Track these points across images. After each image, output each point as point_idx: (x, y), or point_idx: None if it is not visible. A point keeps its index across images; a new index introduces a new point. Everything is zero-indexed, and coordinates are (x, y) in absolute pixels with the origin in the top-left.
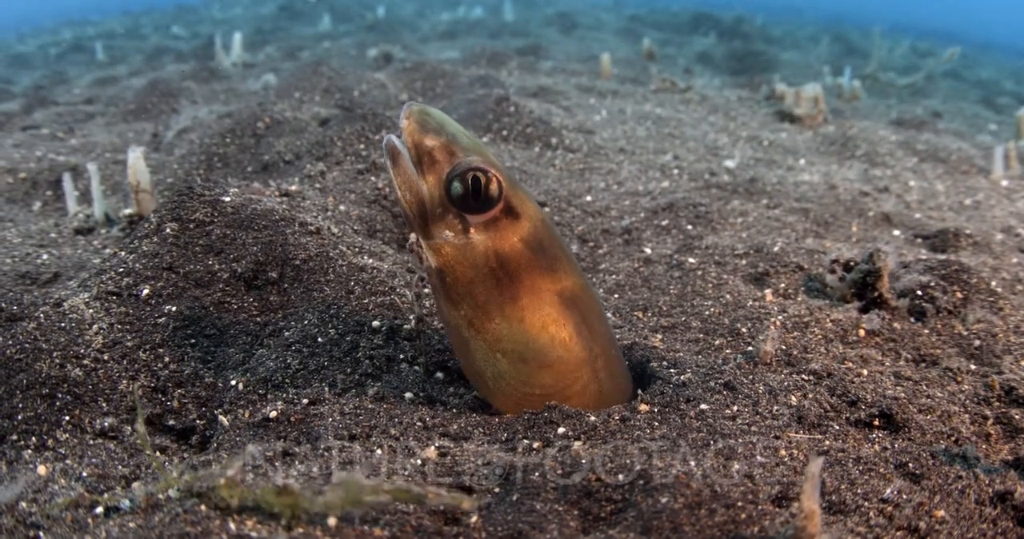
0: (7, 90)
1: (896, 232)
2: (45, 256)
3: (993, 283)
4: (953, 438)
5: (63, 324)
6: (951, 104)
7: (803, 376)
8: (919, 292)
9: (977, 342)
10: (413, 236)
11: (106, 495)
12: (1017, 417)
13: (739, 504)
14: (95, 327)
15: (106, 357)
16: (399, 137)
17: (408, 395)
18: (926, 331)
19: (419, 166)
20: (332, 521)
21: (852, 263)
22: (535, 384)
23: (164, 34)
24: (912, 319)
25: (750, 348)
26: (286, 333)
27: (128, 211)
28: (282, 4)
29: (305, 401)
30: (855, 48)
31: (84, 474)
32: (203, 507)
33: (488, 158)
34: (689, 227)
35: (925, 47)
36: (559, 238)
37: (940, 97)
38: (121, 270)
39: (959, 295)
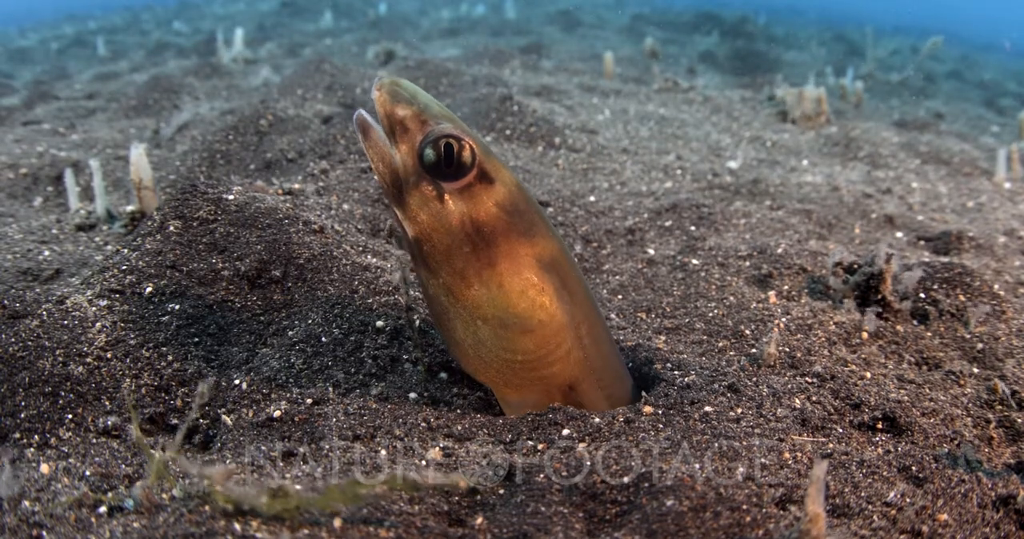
0: (8, 85)
1: (899, 234)
2: (47, 252)
3: (996, 286)
4: (956, 442)
5: (66, 322)
6: (954, 106)
7: (807, 378)
8: (922, 295)
9: (980, 345)
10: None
11: (110, 494)
12: (1019, 421)
13: (744, 507)
14: (98, 325)
15: (109, 355)
16: (371, 111)
17: (412, 395)
18: (929, 334)
19: (392, 136)
20: (337, 522)
21: (855, 266)
22: (517, 350)
23: (166, 30)
24: (915, 322)
25: (754, 350)
26: (290, 332)
27: (130, 208)
28: (284, 0)
29: (309, 401)
30: (858, 48)
31: (87, 473)
32: (207, 507)
33: (460, 126)
34: (692, 228)
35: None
36: (535, 203)
37: (942, 98)
38: (124, 268)
39: (962, 298)
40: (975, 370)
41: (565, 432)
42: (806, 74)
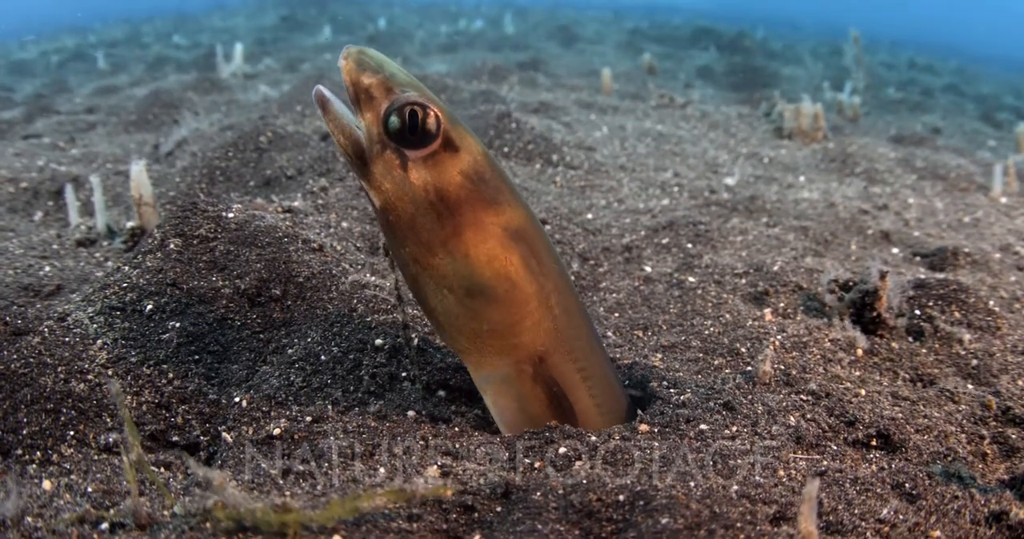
0: (9, 98)
1: (895, 250)
2: (47, 268)
3: (991, 302)
4: (949, 458)
5: (67, 339)
6: (951, 120)
7: (801, 396)
8: (917, 312)
9: (974, 362)
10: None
11: (111, 511)
12: (1013, 436)
13: (738, 525)
14: (99, 342)
15: (110, 372)
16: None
17: (410, 413)
18: (924, 351)
19: (356, 104)
20: None
21: (851, 283)
22: (483, 319)
23: (165, 43)
24: (910, 339)
25: (749, 368)
26: (289, 350)
27: (131, 224)
28: (283, 15)
29: (308, 419)
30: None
31: (89, 489)
32: (208, 525)
33: (427, 94)
34: (689, 245)
35: (924, 62)
36: (503, 172)
37: (940, 112)
38: (125, 285)
39: (957, 315)
40: (969, 386)
41: (562, 450)
42: (804, 89)
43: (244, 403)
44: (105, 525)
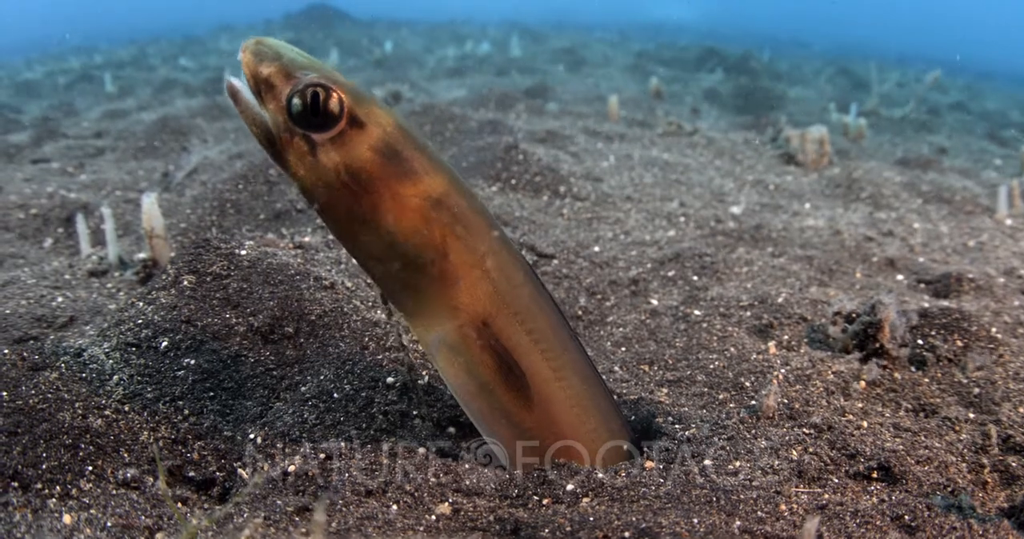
0: (16, 120)
1: (900, 277)
2: (60, 299)
3: (993, 329)
4: (949, 488)
5: (84, 374)
6: (957, 139)
7: (804, 430)
8: (920, 341)
9: (976, 390)
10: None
11: None
12: (1014, 464)
13: None
14: (115, 378)
15: (127, 408)
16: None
17: (421, 450)
18: (926, 380)
19: (259, 97)
20: None
21: (854, 315)
22: (417, 289)
23: (172, 65)
24: (913, 368)
25: (753, 402)
26: (302, 388)
27: (142, 255)
28: (289, 38)
29: (322, 456)
30: (862, 82)
31: (108, 524)
32: None
33: (328, 73)
34: (695, 278)
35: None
36: (419, 139)
37: (946, 132)
38: (140, 322)
39: (959, 343)
40: (971, 415)
41: (569, 487)
42: (810, 111)
43: (259, 440)
44: None
